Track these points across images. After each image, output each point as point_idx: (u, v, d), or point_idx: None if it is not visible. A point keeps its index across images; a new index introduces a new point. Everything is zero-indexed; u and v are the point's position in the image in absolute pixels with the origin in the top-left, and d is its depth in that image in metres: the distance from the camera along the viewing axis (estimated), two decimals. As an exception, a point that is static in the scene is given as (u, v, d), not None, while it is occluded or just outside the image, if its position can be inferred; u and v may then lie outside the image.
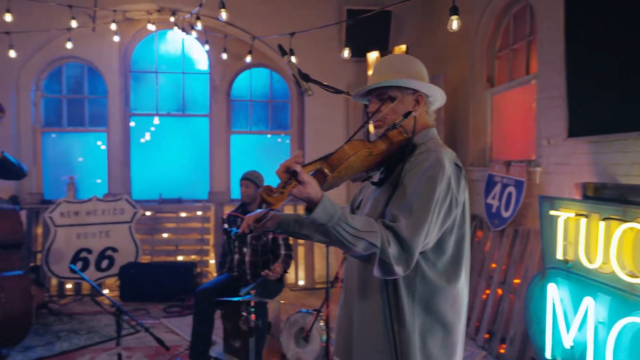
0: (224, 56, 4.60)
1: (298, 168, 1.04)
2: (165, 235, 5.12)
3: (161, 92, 5.54)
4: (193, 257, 5.07)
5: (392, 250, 1.12)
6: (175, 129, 5.62)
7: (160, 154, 5.57)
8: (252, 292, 2.46)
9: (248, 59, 4.21)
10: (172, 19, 4.89)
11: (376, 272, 1.15)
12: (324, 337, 2.95)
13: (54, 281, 4.81)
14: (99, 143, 5.58)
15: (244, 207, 3.39)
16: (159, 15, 5.12)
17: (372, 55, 4.73)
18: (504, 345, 3.27)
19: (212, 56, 5.44)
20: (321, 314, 2.95)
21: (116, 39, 4.65)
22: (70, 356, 3.34)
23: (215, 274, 5.12)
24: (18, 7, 3.92)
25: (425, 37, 5.26)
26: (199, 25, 4.00)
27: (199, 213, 5.14)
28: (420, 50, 4.99)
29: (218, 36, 4.93)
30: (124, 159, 5.38)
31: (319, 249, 5.29)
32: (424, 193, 1.19)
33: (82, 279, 4.64)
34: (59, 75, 5.32)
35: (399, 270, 1.14)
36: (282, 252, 3.28)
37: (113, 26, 4.37)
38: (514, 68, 3.99)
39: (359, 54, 4.70)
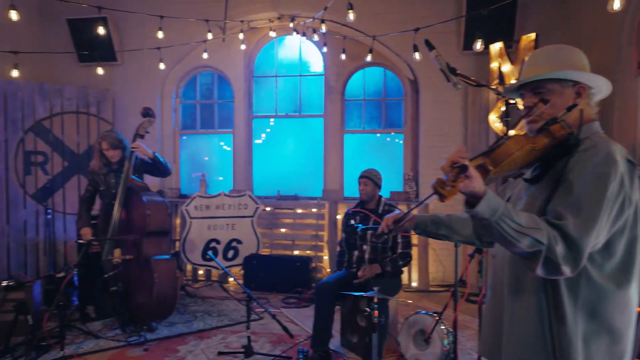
0: (343, 57, 4.71)
1: (467, 162, 1.03)
2: (283, 230, 5.42)
3: (280, 95, 5.87)
4: (308, 252, 5.28)
5: (560, 249, 1.06)
6: (291, 129, 5.91)
7: (278, 153, 5.91)
8: (376, 288, 2.47)
9: (368, 58, 4.24)
10: (291, 25, 5.15)
11: (540, 270, 1.09)
12: (445, 341, 2.85)
13: (189, 267, 5.39)
14: (221, 144, 6.14)
15: (362, 205, 3.43)
16: (279, 23, 5.44)
17: (496, 47, 4.44)
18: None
19: (328, 58, 5.61)
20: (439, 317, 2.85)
21: (243, 47, 5.04)
22: (205, 334, 3.71)
23: (328, 270, 5.28)
24: (165, 25, 4.48)
25: (558, 23, 4.77)
26: (323, 28, 4.14)
27: (314, 210, 5.34)
28: (551, 38, 4.54)
29: (337, 37, 5.05)
30: (247, 158, 5.82)
31: (433, 251, 5.14)
32: (594, 191, 1.10)
33: (213, 267, 5.15)
34: (194, 83, 5.95)
35: (566, 270, 1.07)
36: (399, 249, 3.26)
37: (241, 35, 4.75)
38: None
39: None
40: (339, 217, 5.29)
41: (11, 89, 4.95)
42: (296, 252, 5.31)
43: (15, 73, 3.91)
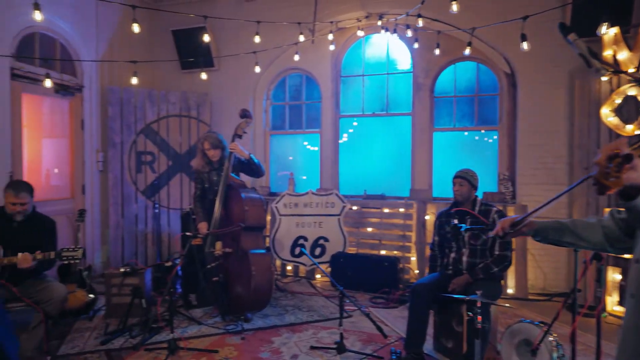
0: (437, 52, 4.57)
1: (630, 151, 0.94)
2: (369, 229, 5.40)
3: (366, 94, 5.86)
4: (395, 252, 5.20)
5: None
6: (377, 128, 5.87)
7: (364, 152, 5.90)
8: (479, 292, 2.36)
9: (467, 51, 4.07)
10: (379, 23, 5.11)
11: None
12: (555, 355, 2.63)
13: (277, 262, 5.59)
14: (305, 143, 6.28)
15: (456, 206, 3.30)
16: (366, 22, 5.43)
17: (610, 32, 4.00)
18: None
19: (416, 55, 5.48)
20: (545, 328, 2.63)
21: (332, 47, 5.11)
22: (297, 328, 3.82)
23: (417, 272, 5.15)
24: (259, 29, 4.70)
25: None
26: (419, 23, 4.05)
27: (401, 210, 5.24)
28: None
29: (429, 32, 4.91)
30: (334, 157, 5.89)
31: (532, 256, 4.78)
32: None
33: (302, 263, 5.28)
34: (283, 85, 6.17)
35: None
36: (496, 251, 3.08)
37: (330, 36, 4.81)
38: None
39: (586, 33, 4.05)
40: (428, 217, 5.14)
41: (126, 96, 5.52)
42: (383, 252, 5.26)
43: (134, 80, 4.36)
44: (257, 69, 4.77)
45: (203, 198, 4.12)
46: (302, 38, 4.58)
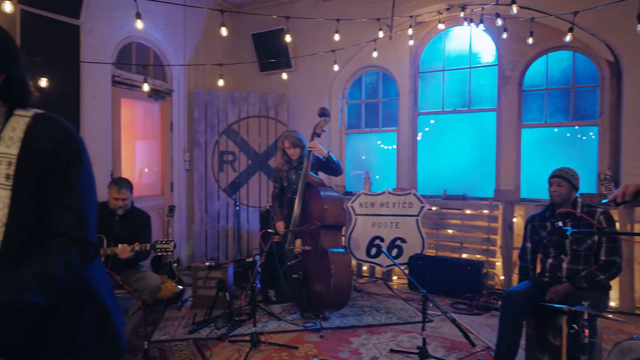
0: (530, 41, 4.26)
1: None
2: (449, 231, 5.16)
3: (447, 90, 5.61)
4: (478, 256, 4.92)
5: None
6: (458, 125, 5.60)
7: (443, 151, 5.66)
8: (586, 303, 2.12)
9: (567, 38, 3.73)
10: (462, 14, 4.86)
11: None
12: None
13: (353, 262, 5.54)
14: (378, 142, 6.17)
15: (552, 208, 3.01)
16: (447, 14, 5.19)
17: None
18: None
19: (503, 46, 5.14)
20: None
21: (411, 43, 4.96)
22: (375, 330, 3.74)
23: (502, 277, 4.83)
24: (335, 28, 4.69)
25: None
26: (514, 9, 3.78)
27: (485, 211, 4.94)
28: None
29: (519, 21, 4.58)
30: (411, 156, 5.72)
31: (639, 265, 4.26)
32: None
33: (378, 263, 5.18)
34: (359, 84, 6.11)
35: None
36: (602, 257, 2.76)
37: (410, 31, 4.67)
38: None
39: None
40: (515, 220, 4.79)
41: (210, 99, 5.81)
42: (464, 256, 5.00)
43: (220, 82, 4.58)
44: (336, 67, 4.77)
45: (281, 197, 4.19)
46: (381, 34, 4.49)
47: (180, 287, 4.33)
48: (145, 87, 4.34)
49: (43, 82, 3.86)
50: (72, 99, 4.30)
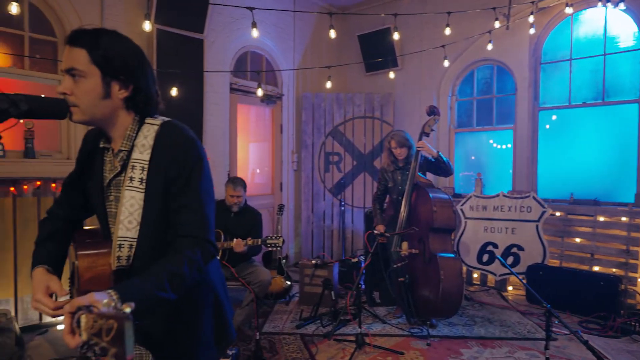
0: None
1: None
2: (577, 240, 4.58)
3: (575, 81, 5.00)
4: (614, 270, 4.28)
5: None
6: (587, 119, 4.94)
7: (569, 149, 5.05)
8: None
9: None
10: (595, -5, 4.29)
11: None
12: None
13: (463, 268, 5.23)
14: (490, 141, 5.71)
15: None
16: (577, -4, 4.62)
17: None
18: None
19: (648, 27, 4.41)
20: None
21: (531, 31, 4.53)
22: (487, 343, 3.47)
23: (645, 296, 4.14)
24: (444, 22, 4.47)
25: None
26: None
27: (624, 219, 4.28)
28: None
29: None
30: (530, 155, 5.21)
31: None
32: None
33: (490, 271, 4.80)
34: (470, 79, 5.76)
35: None
36: None
37: (531, 18, 4.26)
38: None
39: None
40: (664, 230, 4.07)
41: (317, 101, 5.97)
42: (596, 268, 4.39)
43: (328, 84, 4.70)
44: (446, 63, 4.55)
45: (383, 198, 4.12)
46: (497, 24, 4.16)
47: (289, 283, 4.51)
48: (259, 93, 4.62)
49: (174, 92, 4.33)
50: (196, 106, 4.76)
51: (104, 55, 1.14)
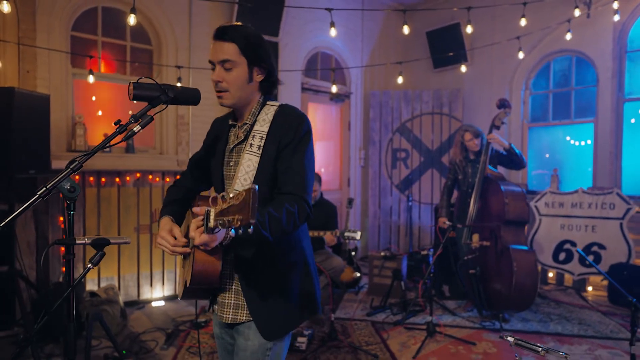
0: None
1: None
2: (668, 239, 4.28)
3: (665, 70, 4.66)
4: None
5: None
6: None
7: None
8: None
9: None
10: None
11: None
12: None
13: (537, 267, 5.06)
14: (567, 138, 5.44)
15: None
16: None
17: None
18: None
19: None
20: None
21: (615, 18, 4.30)
22: (564, 339, 3.38)
23: None
24: (518, 13, 4.38)
25: None
26: None
27: None
28: None
29: None
30: (614, 150, 4.92)
31: None
32: None
33: (567, 270, 4.62)
34: (546, 72, 5.55)
35: None
36: None
37: (615, 4, 4.06)
38: None
39: None
40: None
41: (385, 98, 6.07)
42: (690, 270, 4.08)
43: (400, 80, 4.81)
44: (521, 55, 4.46)
45: (452, 189, 4.13)
46: (577, 13, 4.02)
47: (358, 274, 4.65)
48: (334, 89, 4.81)
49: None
50: (271, 105, 5.06)
51: (249, 46, 1.38)
